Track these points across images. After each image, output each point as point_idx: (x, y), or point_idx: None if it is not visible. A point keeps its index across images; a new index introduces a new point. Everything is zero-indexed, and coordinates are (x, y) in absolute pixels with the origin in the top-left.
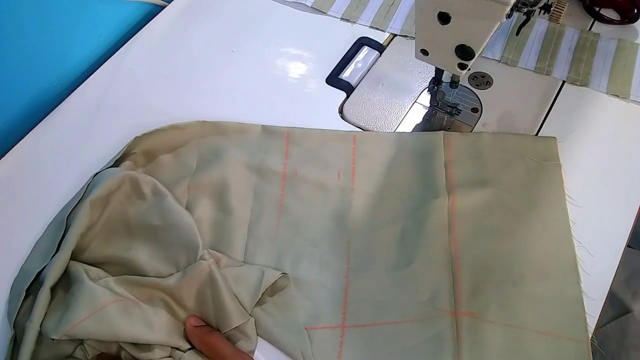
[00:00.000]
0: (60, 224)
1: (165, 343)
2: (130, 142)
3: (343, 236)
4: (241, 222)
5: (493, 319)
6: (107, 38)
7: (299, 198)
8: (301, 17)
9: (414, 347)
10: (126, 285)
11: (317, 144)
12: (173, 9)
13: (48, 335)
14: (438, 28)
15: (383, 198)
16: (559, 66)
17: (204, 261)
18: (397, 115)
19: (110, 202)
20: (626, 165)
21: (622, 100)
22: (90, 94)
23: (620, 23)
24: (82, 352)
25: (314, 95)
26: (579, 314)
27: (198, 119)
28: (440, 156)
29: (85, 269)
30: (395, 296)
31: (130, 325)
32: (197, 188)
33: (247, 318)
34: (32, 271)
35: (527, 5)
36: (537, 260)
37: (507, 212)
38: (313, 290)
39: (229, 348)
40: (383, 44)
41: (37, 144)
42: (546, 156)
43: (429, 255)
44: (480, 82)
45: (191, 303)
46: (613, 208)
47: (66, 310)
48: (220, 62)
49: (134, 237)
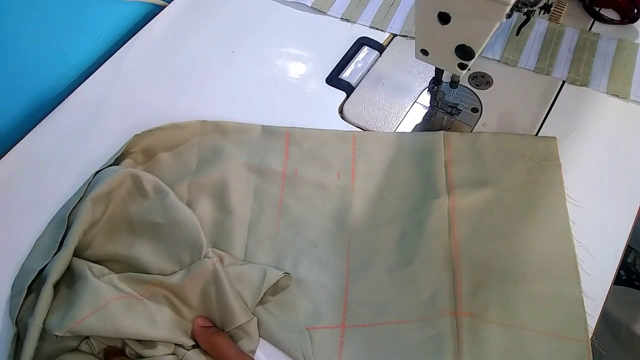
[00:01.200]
0: (62, 222)
1: (169, 340)
2: (131, 139)
3: (343, 236)
4: (241, 222)
5: (493, 319)
6: (107, 38)
7: (299, 198)
8: (301, 17)
9: (414, 347)
10: (130, 282)
11: (317, 144)
12: (173, 9)
13: (52, 331)
14: (438, 28)
15: (383, 198)
16: (559, 66)
17: (208, 259)
18: (397, 115)
19: (112, 200)
20: (626, 165)
21: (622, 100)
22: (90, 94)
23: (620, 23)
24: (87, 346)
25: (314, 95)
26: (579, 314)
27: (198, 119)
28: (440, 156)
29: (89, 266)
30: (395, 296)
31: (134, 322)
32: (197, 188)
33: (250, 316)
34: (34, 269)
35: (527, 5)
36: (537, 260)
37: (507, 212)
38: (313, 290)
39: (232, 350)
40: (383, 44)
41: (37, 144)
42: (546, 156)
43: (429, 255)
44: (480, 82)
45: (195, 301)
46: (613, 208)
47: (70, 307)
48: (220, 62)
49: (137, 234)
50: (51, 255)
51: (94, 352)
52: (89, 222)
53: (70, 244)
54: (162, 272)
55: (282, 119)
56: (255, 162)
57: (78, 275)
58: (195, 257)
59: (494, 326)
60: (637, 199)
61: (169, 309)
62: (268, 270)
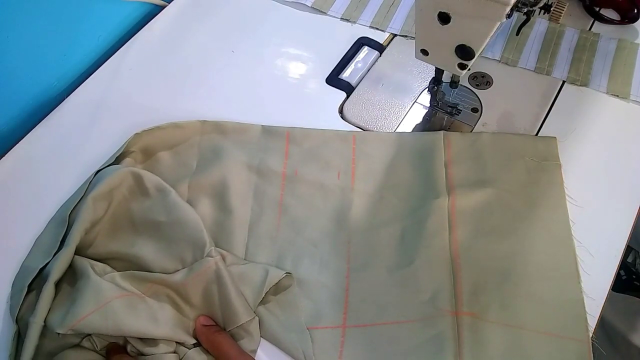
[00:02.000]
0: (62, 221)
1: (170, 338)
2: (130, 138)
3: (343, 236)
4: (241, 222)
5: (494, 319)
6: (107, 38)
7: (299, 198)
8: (301, 17)
9: (415, 347)
10: (132, 280)
11: (317, 144)
12: (173, 9)
13: (54, 329)
14: (438, 28)
15: (383, 198)
16: (559, 66)
17: (211, 258)
18: (397, 115)
19: (114, 198)
20: (626, 165)
21: (622, 100)
22: (90, 94)
23: (620, 23)
24: (89, 343)
25: (314, 95)
26: (580, 314)
27: (198, 119)
28: (441, 156)
29: (91, 264)
30: (396, 296)
31: (136, 320)
32: (198, 188)
33: (252, 315)
34: (34, 267)
35: (527, 5)
36: (537, 260)
37: (507, 212)
38: (314, 290)
39: (234, 349)
40: (383, 44)
41: (37, 144)
42: (546, 156)
43: (430, 255)
44: (480, 82)
45: (197, 299)
46: (613, 208)
47: (72, 305)
48: (220, 62)
49: (139, 233)
50: (52, 254)
51: (96, 349)
52: (90, 220)
53: (71, 243)
54: (165, 270)
55: (282, 119)
56: (255, 162)
57: (80, 274)
58: (197, 255)
59: (494, 326)
60: (637, 199)
61: (171, 307)
62: (270, 270)
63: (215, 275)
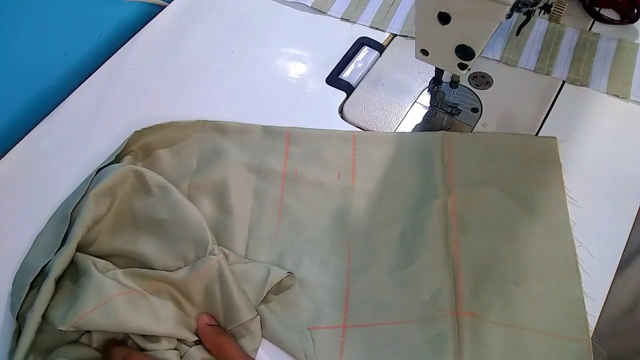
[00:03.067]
0: (63, 218)
1: (172, 334)
2: (131, 136)
3: (344, 236)
4: (242, 222)
5: (494, 319)
6: (107, 38)
7: (299, 198)
8: (301, 17)
9: (416, 347)
10: (134, 277)
11: (317, 144)
12: (173, 9)
13: (56, 326)
14: (438, 28)
15: (383, 198)
16: (559, 66)
17: (214, 256)
18: (397, 115)
19: (116, 196)
20: (626, 165)
21: (622, 100)
22: (90, 94)
23: (620, 23)
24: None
25: (314, 95)
26: (580, 314)
27: (198, 119)
28: (441, 156)
29: (93, 261)
30: (396, 296)
31: (137, 317)
32: (198, 188)
33: (254, 314)
34: (35, 265)
35: (527, 5)
36: (537, 260)
37: (507, 212)
38: (314, 290)
39: (237, 352)
40: (383, 44)
41: (37, 144)
42: (546, 156)
43: (430, 255)
44: (480, 82)
45: (199, 297)
46: (613, 208)
47: (74, 302)
48: (220, 63)
49: (141, 230)
50: (53, 252)
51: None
52: (92, 218)
53: (73, 240)
54: (167, 268)
55: (282, 119)
56: (255, 162)
57: (82, 270)
58: (200, 253)
59: (495, 326)
60: (637, 199)
61: (173, 304)
62: (272, 269)
63: (217, 274)
